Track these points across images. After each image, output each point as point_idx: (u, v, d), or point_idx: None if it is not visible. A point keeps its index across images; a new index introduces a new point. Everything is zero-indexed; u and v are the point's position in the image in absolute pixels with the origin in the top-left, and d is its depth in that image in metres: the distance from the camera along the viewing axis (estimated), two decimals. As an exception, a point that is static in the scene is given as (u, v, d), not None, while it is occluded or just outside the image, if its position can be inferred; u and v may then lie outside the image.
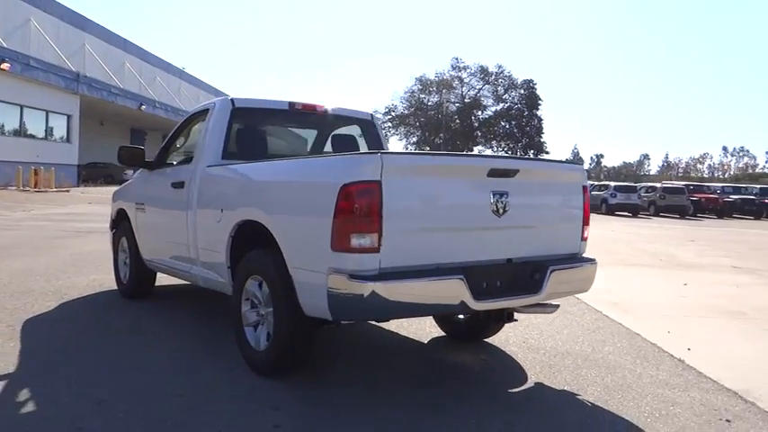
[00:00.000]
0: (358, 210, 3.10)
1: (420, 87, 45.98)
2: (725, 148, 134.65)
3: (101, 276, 7.14)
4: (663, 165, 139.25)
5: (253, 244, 4.02)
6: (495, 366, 4.31)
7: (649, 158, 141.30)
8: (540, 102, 41.65)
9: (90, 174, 36.24)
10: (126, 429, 3.03)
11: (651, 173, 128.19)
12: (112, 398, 3.42)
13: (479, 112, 42.49)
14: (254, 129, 5.02)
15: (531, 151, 42.44)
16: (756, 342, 5.26)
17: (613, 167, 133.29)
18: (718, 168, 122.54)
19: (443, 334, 4.98)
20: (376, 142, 5.54)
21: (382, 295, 3.09)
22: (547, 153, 42.99)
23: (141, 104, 39.71)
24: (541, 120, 42.34)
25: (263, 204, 3.78)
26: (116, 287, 6.35)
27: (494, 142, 43.78)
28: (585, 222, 4.10)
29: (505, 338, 4.88)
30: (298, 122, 5.46)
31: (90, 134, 37.48)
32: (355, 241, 3.11)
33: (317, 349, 4.01)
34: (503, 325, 4.69)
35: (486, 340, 4.83)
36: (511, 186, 3.59)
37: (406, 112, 46.32)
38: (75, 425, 3.06)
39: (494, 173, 3.53)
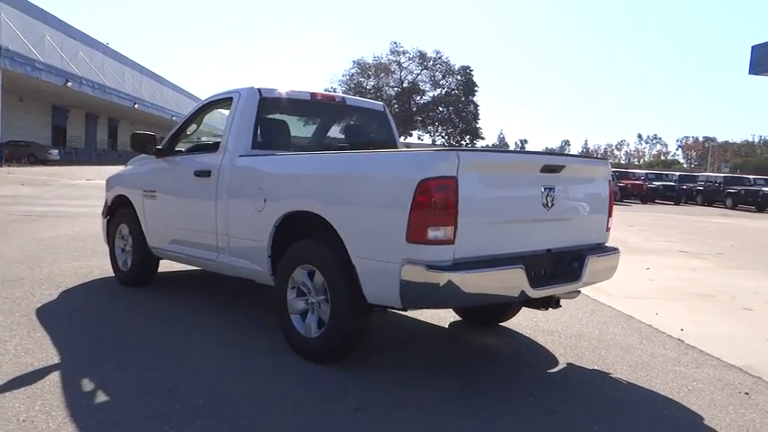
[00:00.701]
0: (435, 204, 3.27)
1: (359, 71, 46.15)
2: (640, 136, 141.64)
3: (86, 263, 6.98)
4: (582, 150, 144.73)
5: (298, 234, 4.12)
6: (522, 349, 4.60)
7: (570, 144, 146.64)
8: (476, 88, 42.64)
9: (12, 153, 34.27)
10: (213, 416, 3.10)
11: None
12: (181, 386, 3.46)
13: (418, 98, 42.99)
14: (280, 119, 5.06)
15: (468, 137, 43.54)
16: (736, 322, 5.79)
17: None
18: (633, 155, 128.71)
19: (458, 318, 5.22)
20: (389, 133, 5.69)
21: (457, 285, 3.28)
22: (482, 139, 44.30)
23: (67, 81, 37.78)
24: (478, 106, 43.42)
25: (322, 196, 3.87)
26: (111, 274, 6.25)
27: (431, 127, 44.47)
28: (610, 214, 4.42)
29: (518, 323, 5.17)
30: (316, 113, 5.53)
31: (9, 111, 35.36)
32: (432, 233, 3.28)
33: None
34: (519, 310, 4.99)
35: (501, 324, 5.10)
36: (557, 181, 3.86)
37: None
38: (159, 412, 3.10)
39: (545, 168, 3.78)
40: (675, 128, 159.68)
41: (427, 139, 45.32)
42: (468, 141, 44.73)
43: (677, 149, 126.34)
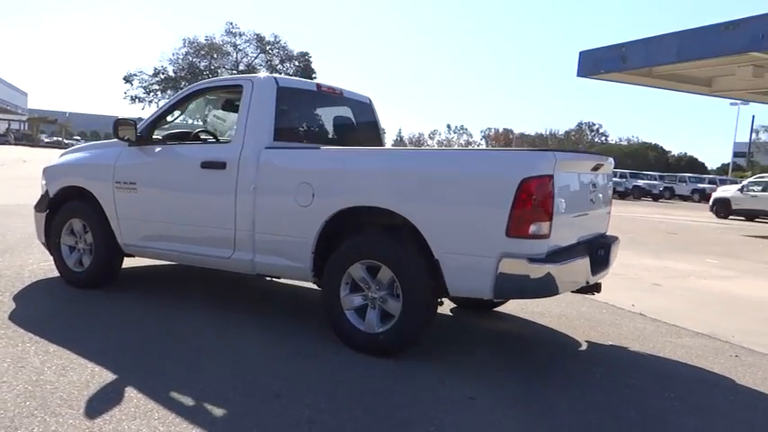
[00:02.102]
0: (536, 200, 3.51)
1: (191, 50, 43.47)
2: (449, 126, 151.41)
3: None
4: (397, 139, 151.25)
5: (341, 230, 4.12)
6: (530, 332, 5.00)
7: (385, 132, 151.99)
8: (314, 75, 42.54)
9: None
10: (347, 419, 3.07)
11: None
12: (286, 390, 3.34)
13: (258, 82, 41.86)
14: (293, 109, 4.90)
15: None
16: (660, 297, 6.74)
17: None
18: (444, 143, 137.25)
19: (454, 305, 5.48)
20: (376, 125, 5.76)
21: (553, 276, 3.57)
22: (320, 126, 44.28)
23: None
24: (315, 93, 42.96)
25: (398, 192, 3.88)
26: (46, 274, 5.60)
27: None
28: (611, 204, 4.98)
29: (511, 308, 5.56)
30: (321, 103, 5.40)
31: None
32: (533, 228, 3.52)
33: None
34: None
35: (495, 309, 5.46)
36: (597, 178, 4.30)
37: (175, 75, 43.40)
38: (296, 420, 3.00)
39: (595, 168, 4.19)
40: (479, 120, 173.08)
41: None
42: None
43: (481, 139, 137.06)
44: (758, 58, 17.37)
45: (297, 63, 42.20)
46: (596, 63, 20.77)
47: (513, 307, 5.56)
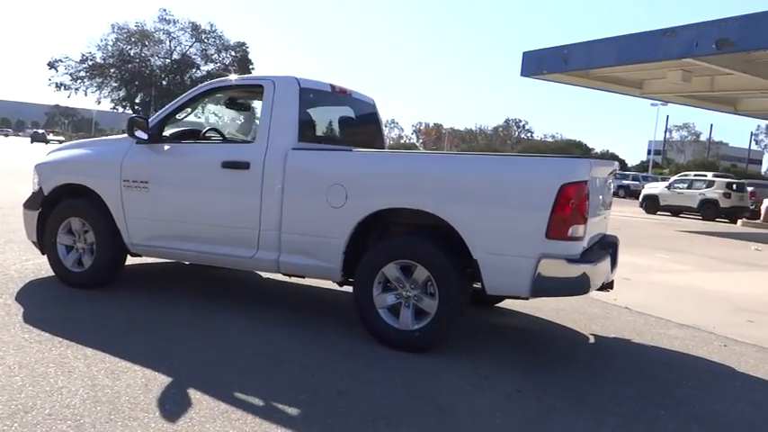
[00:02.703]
0: (573, 204, 3.75)
1: (121, 36, 41.52)
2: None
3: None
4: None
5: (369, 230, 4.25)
6: (541, 327, 5.26)
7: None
8: (251, 66, 41.85)
9: None
10: (416, 414, 3.20)
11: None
12: (344, 387, 3.43)
13: (194, 71, 40.62)
14: (312, 110, 4.95)
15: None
16: (633, 290, 7.17)
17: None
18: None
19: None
20: (379, 127, 5.87)
21: (588, 275, 3.82)
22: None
23: None
24: (253, 84, 42.15)
25: (437, 195, 4.02)
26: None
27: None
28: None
29: (509, 303, 5.80)
30: (333, 103, 5.44)
31: None
32: (572, 231, 3.76)
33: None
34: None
35: (496, 305, 5.70)
36: (606, 182, 4.59)
37: (103, 62, 41.35)
38: (376, 416, 3.11)
39: (611, 173, 4.47)
40: (410, 114, 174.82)
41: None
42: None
43: (412, 133, 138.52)
44: (689, 64, 18.50)
45: (234, 53, 41.33)
46: (539, 64, 21.51)
47: (510, 302, 5.81)
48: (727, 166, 69.35)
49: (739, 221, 23.14)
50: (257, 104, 6.10)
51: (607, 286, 4.65)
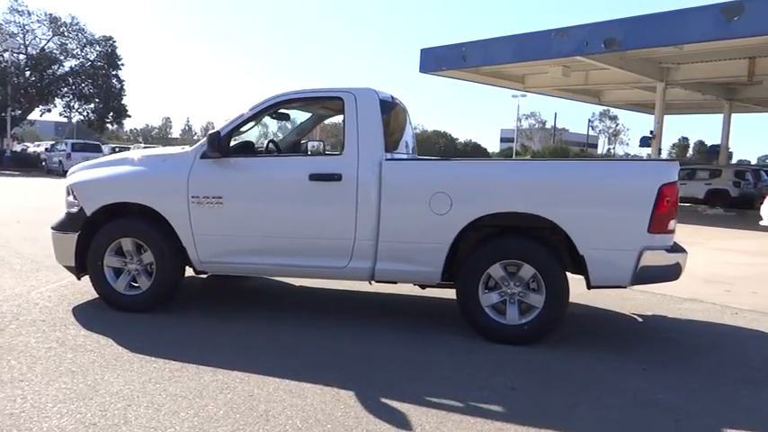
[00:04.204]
0: (669, 202, 4.29)
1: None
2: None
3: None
4: (185, 128, 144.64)
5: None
6: (588, 312, 5.81)
7: (171, 121, 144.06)
8: (120, 61, 38.97)
9: None
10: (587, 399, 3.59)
11: (173, 136, 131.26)
12: (510, 381, 3.72)
13: (57, 68, 37.00)
14: (385, 120, 5.08)
15: (112, 114, 39.57)
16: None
17: (135, 129, 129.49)
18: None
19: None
20: (413, 130, 6.11)
21: (680, 263, 4.39)
22: (129, 117, 40.74)
23: None
24: (123, 81, 39.83)
25: (547, 199, 4.39)
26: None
27: (76, 103, 38.64)
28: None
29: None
30: (391, 113, 5.55)
31: None
32: (670, 225, 4.31)
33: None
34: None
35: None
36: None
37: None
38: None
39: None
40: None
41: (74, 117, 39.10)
42: (112, 120, 40.73)
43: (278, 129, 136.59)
44: (570, 61, 20.25)
45: (99, 48, 38.40)
46: (438, 61, 22.46)
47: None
48: (576, 150, 76.00)
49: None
50: (298, 115, 6.12)
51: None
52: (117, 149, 31.88)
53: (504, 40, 20.27)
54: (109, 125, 43.17)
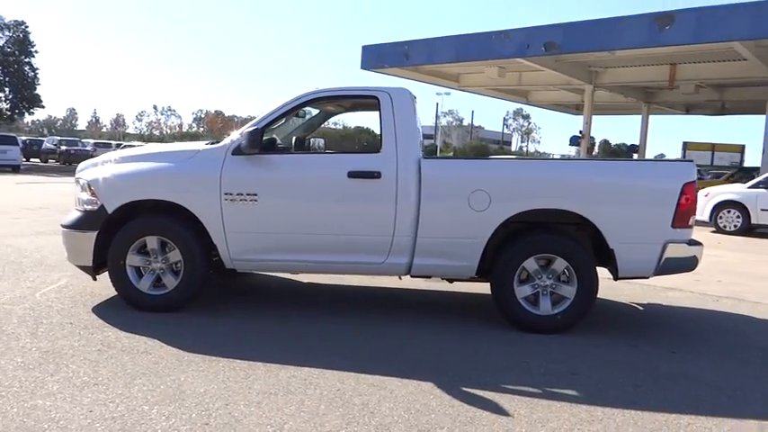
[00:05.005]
0: (690, 199, 4.68)
1: None
2: (155, 107, 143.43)
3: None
4: (91, 120, 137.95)
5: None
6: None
7: (77, 113, 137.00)
8: (33, 48, 36.45)
9: None
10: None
11: (79, 128, 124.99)
12: (566, 368, 3.97)
13: (-37, 54, 34.04)
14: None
15: (24, 103, 36.98)
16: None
17: (39, 120, 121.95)
18: (155, 126, 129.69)
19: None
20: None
21: (696, 256, 4.79)
22: (42, 107, 38.06)
23: None
24: (36, 69, 37.25)
25: (581, 196, 4.67)
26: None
27: None
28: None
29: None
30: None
31: None
32: (691, 220, 4.69)
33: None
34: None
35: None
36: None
37: None
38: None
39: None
40: (190, 101, 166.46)
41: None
42: (25, 110, 38.07)
43: (193, 121, 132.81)
44: (506, 62, 20.98)
45: (9, 33, 35.89)
46: (380, 58, 22.65)
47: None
48: (495, 148, 78.40)
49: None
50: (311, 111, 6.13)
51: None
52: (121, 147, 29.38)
53: (447, 39, 20.70)
54: (18, 116, 40.48)
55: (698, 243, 4.86)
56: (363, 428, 3.00)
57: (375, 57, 22.76)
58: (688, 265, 4.80)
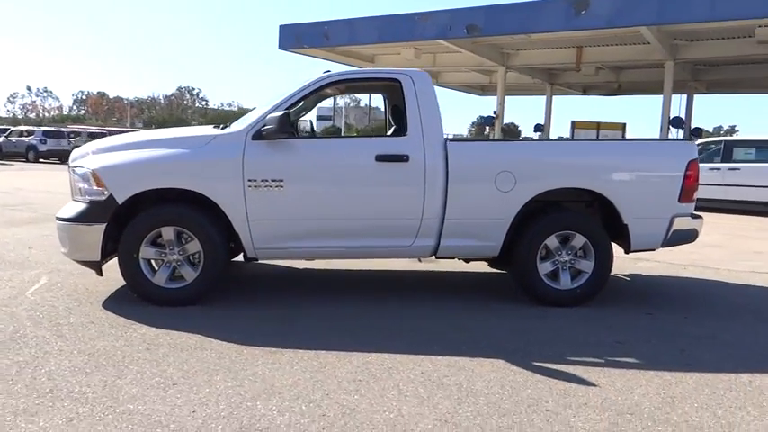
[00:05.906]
0: (693, 175, 5.05)
1: None
2: (29, 88, 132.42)
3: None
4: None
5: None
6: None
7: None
8: None
9: None
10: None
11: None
12: (609, 337, 4.21)
13: None
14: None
15: None
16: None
17: None
18: (30, 109, 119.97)
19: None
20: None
21: (696, 229, 5.19)
22: None
23: None
24: None
25: (599, 175, 4.92)
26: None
27: None
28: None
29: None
30: None
31: None
32: (695, 195, 5.08)
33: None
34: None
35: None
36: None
37: None
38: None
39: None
40: (70, 83, 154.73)
41: None
42: None
43: (74, 103, 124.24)
44: (422, 43, 21.27)
45: None
46: (299, 38, 22.25)
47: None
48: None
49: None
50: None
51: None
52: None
53: (369, 20, 20.63)
54: None
55: (699, 216, 5.26)
56: (475, 408, 3.06)
57: (293, 37, 22.30)
58: (690, 236, 5.19)
